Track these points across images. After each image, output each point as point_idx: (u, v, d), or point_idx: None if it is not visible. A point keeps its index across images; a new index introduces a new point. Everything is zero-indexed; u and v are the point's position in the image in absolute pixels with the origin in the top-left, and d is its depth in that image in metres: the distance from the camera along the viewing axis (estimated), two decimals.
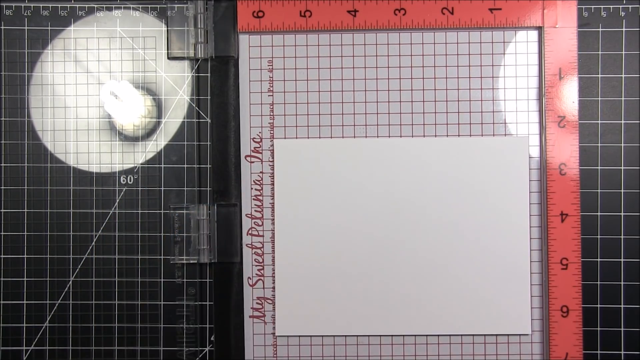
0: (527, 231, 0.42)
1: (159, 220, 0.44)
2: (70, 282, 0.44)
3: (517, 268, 0.42)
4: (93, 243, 0.44)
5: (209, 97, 0.44)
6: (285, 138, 0.43)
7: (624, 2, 0.43)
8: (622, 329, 0.43)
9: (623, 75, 0.43)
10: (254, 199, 0.43)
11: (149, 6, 0.44)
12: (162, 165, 0.44)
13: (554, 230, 0.42)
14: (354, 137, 0.43)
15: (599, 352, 0.43)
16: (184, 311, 0.44)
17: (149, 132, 0.44)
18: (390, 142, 0.43)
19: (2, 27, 0.44)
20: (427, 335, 0.43)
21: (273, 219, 0.43)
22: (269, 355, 0.43)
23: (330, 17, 0.43)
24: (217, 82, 0.43)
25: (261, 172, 0.43)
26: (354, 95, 0.43)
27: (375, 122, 0.43)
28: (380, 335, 0.43)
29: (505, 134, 0.43)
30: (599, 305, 0.43)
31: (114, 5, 0.44)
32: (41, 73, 0.44)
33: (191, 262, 0.43)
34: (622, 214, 0.43)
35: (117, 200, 0.44)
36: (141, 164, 0.44)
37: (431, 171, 0.42)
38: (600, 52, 0.43)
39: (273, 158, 0.43)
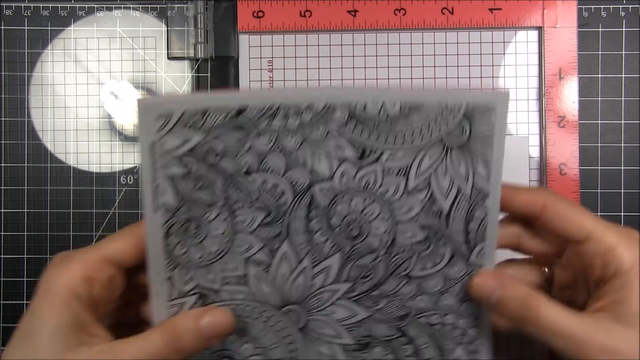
0: None
1: None
2: None
3: None
4: (93, 243, 0.44)
5: None
6: None
7: (624, 2, 0.43)
8: None
9: (623, 75, 0.43)
10: None
11: (149, 6, 0.44)
12: None
13: None
14: None
15: None
16: None
17: None
18: None
19: (2, 27, 0.44)
20: None
21: None
22: None
23: (330, 17, 0.43)
24: (217, 82, 0.43)
25: None
26: None
27: None
28: None
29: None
30: None
31: (114, 5, 0.44)
32: (41, 73, 0.44)
33: None
34: (622, 214, 0.43)
35: (117, 200, 0.44)
36: (141, 164, 0.44)
37: None
38: (600, 52, 0.43)
39: None
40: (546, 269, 0.33)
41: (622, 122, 0.43)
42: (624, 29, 0.43)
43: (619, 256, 0.28)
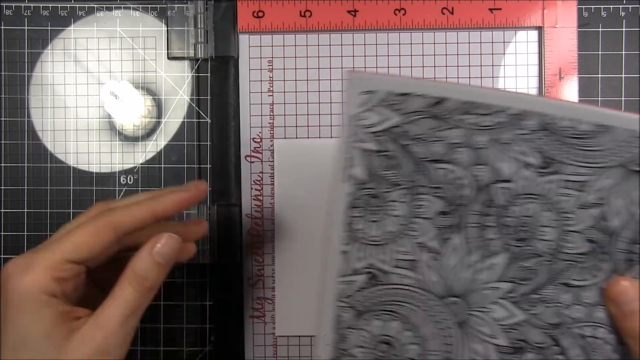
0: None
1: None
2: None
3: None
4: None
5: (209, 97, 0.44)
6: (285, 138, 0.43)
7: (624, 2, 0.43)
8: None
9: (623, 75, 0.43)
10: (254, 199, 0.43)
11: (149, 6, 0.44)
12: (162, 165, 0.44)
13: None
14: None
15: None
16: (184, 311, 0.44)
17: (149, 132, 0.44)
18: None
19: (2, 27, 0.44)
20: None
21: (273, 219, 0.43)
22: (269, 355, 0.43)
23: (330, 17, 0.43)
24: (217, 82, 0.43)
25: (261, 172, 0.43)
26: None
27: None
28: None
29: None
30: None
31: (114, 5, 0.44)
32: (41, 73, 0.44)
33: (191, 262, 0.43)
34: None
35: None
36: (141, 164, 0.44)
37: None
38: (600, 52, 0.43)
39: (273, 158, 0.43)
40: None
41: None
42: (624, 29, 0.43)
43: None
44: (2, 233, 0.44)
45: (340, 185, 0.32)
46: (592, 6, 0.43)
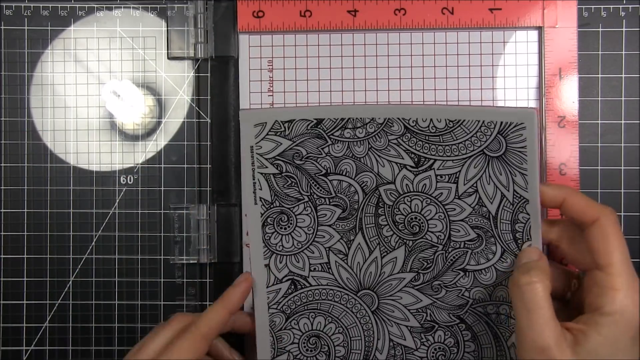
0: None
1: (159, 220, 0.44)
2: (70, 282, 0.44)
3: None
4: (93, 243, 0.44)
5: (209, 97, 0.44)
6: None
7: (624, 2, 0.43)
8: None
9: (623, 75, 0.43)
10: None
11: (149, 6, 0.44)
12: (162, 165, 0.44)
13: None
14: None
15: None
16: (184, 311, 0.44)
17: (149, 132, 0.44)
18: None
19: (2, 27, 0.44)
20: None
21: None
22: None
23: (330, 17, 0.43)
24: (217, 82, 0.43)
25: None
26: (354, 96, 0.43)
27: None
28: None
29: None
30: None
31: (114, 5, 0.44)
32: (41, 73, 0.44)
33: (191, 262, 0.43)
34: (622, 214, 0.43)
35: (117, 200, 0.44)
36: (141, 164, 0.44)
37: None
38: (600, 52, 0.43)
39: None
40: (576, 282, 0.35)
41: (622, 122, 0.43)
42: (624, 29, 0.43)
43: (613, 298, 0.31)
44: (2, 233, 0.44)
45: (253, 207, 0.37)
46: (592, 6, 0.43)
